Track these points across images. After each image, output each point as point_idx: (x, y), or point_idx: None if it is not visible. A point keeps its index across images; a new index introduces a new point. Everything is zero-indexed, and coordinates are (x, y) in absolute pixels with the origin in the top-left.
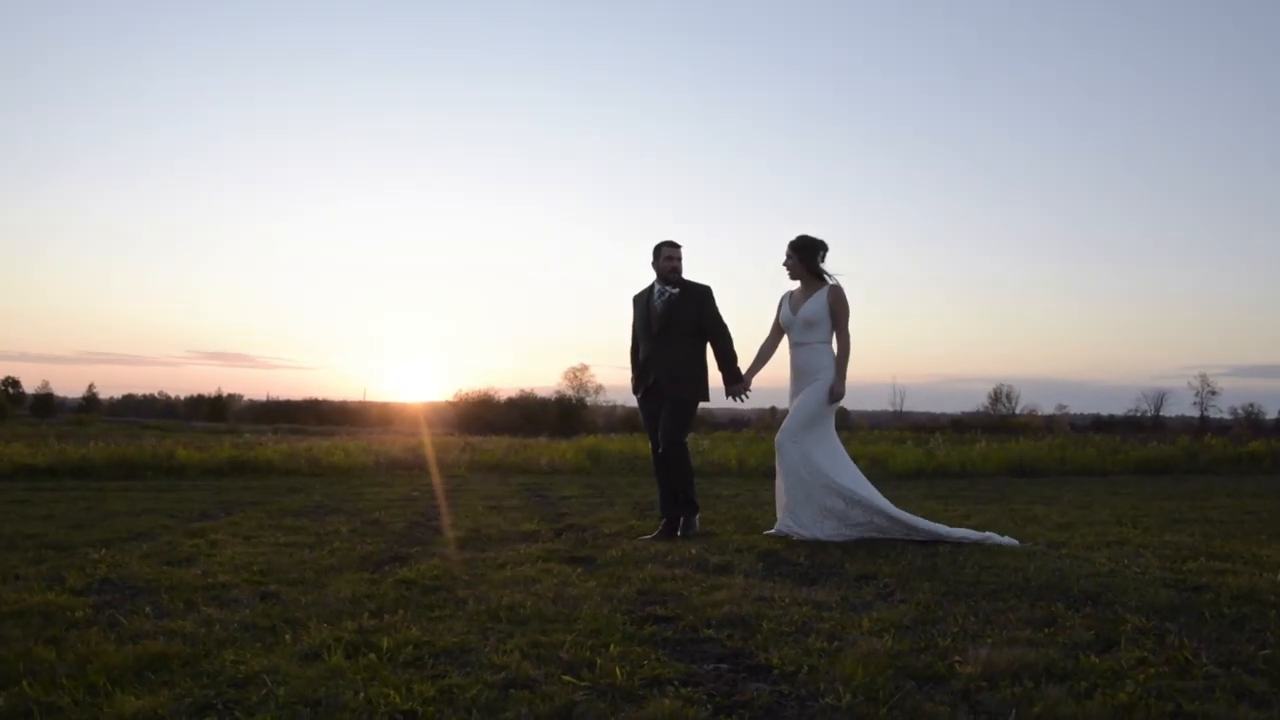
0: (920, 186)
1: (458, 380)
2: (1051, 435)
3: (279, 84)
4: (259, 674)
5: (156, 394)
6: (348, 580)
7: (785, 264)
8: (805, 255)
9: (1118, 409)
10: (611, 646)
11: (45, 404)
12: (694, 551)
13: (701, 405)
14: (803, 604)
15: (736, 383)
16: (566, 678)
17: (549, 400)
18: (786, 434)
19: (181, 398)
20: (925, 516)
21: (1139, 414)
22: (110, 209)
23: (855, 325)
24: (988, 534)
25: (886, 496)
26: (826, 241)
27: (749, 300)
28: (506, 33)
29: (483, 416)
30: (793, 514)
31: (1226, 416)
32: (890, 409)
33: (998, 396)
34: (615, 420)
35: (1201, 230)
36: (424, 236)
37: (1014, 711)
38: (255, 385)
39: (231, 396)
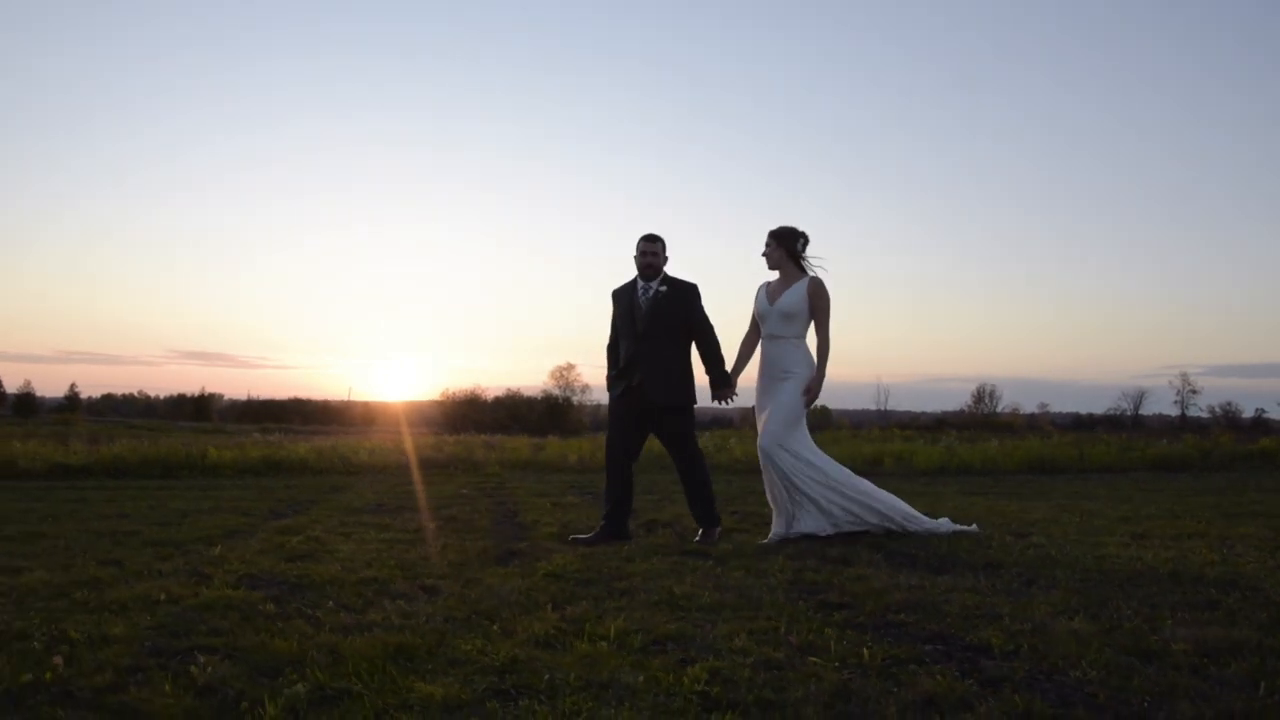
0: (901, 187)
1: (442, 379)
2: (1042, 434)
3: (261, 84)
4: (519, 662)
5: (136, 393)
6: (495, 574)
7: (764, 253)
8: (786, 241)
9: (1097, 408)
10: (827, 630)
11: (27, 403)
12: (802, 545)
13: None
14: (959, 590)
15: (725, 386)
16: (813, 659)
17: (535, 399)
18: (771, 438)
19: (161, 397)
20: (977, 515)
21: (1119, 412)
22: (90, 208)
23: (840, 324)
24: (942, 520)
25: (918, 492)
26: (808, 233)
27: (725, 301)
28: (491, 30)
29: (469, 415)
30: (793, 516)
31: (1204, 415)
32: (875, 408)
33: (980, 395)
34: (602, 419)
35: (1179, 231)
36: (407, 236)
37: (1262, 684)
38: (235, 384)
39: (213, 396)
